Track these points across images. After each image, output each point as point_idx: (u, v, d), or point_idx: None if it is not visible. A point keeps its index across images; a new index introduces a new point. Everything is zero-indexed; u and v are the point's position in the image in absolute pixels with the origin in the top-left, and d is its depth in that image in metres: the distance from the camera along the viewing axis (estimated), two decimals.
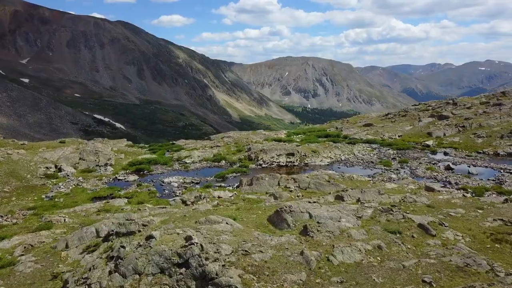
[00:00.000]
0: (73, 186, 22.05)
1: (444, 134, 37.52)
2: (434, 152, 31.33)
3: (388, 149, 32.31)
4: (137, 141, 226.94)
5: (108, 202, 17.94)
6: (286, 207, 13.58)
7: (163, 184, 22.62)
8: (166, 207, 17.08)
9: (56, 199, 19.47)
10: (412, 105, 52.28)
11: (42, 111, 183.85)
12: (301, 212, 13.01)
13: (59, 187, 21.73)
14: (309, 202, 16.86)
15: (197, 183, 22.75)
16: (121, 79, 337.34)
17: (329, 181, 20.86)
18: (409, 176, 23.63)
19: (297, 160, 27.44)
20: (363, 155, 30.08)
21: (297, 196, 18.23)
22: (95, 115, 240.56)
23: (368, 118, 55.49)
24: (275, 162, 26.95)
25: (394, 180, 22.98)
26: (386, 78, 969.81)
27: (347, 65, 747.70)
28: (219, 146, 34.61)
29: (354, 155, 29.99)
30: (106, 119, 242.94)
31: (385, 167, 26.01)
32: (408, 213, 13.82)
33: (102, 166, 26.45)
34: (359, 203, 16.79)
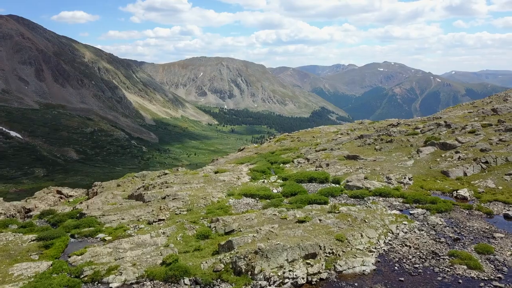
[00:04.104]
0: None
1: (465, 174, 28.23)
2: (489, 215, 21.37)
3: (425, 212, 21.66)
4: (36, 152, 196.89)
5: None
6: None
7: None
8: None
9: None
10: (390, 125, 43.15)
11: None
12: None
13: None
14: None
15: None
16: (15, 80, 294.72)
17: None
18: None
19: (322, 266, 15.20)
20: (405, 232, 18.92)
21: None
22: None
23: (335, 140, 45.27)
24: (288, 278, 14.38)
25: None
26: (297, 78, 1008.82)
27: (260, 66, 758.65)
28: (163, 220, 20.85)
29: (393, 233, 18.68)
30: None
31: (477, 272, 15.02)
32: None
33: None
34: None
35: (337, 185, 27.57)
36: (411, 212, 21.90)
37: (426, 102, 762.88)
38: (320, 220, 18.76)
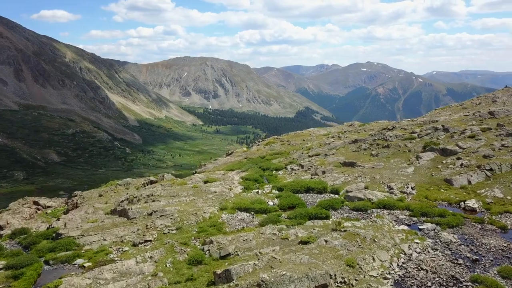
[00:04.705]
0: None
1: (470, 182, 26.86)
2: (504, 229, 19.91)
3: (435, 227, 20.02)
4: (15, 154, 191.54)
5: None
6: None
7: None
8: None
9: None
10: (385, 129, 41.68)
11: None
12: None
13: None
14: None
15: None
16: None
17: None
18: None
19: None
20: (418, 253, 17.25)
21: None
22: None
23: (328, 144, 43.63)
24: None
25: None
26: (281, 78, 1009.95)
27: (245, 66, 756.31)
28: (150, 241, 18.70)
29: (406, 254, 16.99)
30: None
31: None
32: None
33: None
34: None
35: (337, 196, 25.82)
36: (420, 227, 20.26)
37: (408, 101, 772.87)
38: (326, 241, 16.90)
